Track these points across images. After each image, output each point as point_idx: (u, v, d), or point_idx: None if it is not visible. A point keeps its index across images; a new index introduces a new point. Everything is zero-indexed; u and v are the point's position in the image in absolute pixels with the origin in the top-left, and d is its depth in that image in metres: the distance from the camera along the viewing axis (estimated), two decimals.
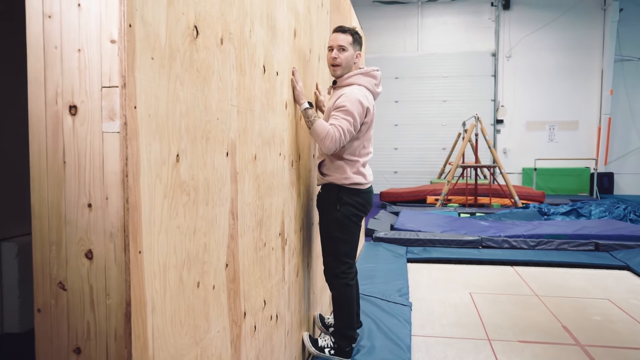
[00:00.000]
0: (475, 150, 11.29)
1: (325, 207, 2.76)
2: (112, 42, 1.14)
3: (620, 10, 12.80)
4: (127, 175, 1.14)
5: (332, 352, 2.79)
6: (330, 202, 2.72)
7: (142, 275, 1.19)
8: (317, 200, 2.85)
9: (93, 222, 1.15)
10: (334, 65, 2.68)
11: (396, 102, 13.92)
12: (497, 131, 13.84)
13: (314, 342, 2.82)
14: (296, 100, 2.63)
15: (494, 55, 13.75)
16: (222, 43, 1.68)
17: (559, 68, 13.42)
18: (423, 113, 13.75)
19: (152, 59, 1.25)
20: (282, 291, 2.43)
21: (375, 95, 2.80)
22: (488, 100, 13.83)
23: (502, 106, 13.76)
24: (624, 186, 13.37)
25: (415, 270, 5.34)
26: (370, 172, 2.85)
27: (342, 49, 2.66)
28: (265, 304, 2.15)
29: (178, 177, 1.37)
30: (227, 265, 1.72)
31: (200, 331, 1.51)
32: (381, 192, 11.43)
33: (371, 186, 2.84)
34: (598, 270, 5.41)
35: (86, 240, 1.16)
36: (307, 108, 2.60)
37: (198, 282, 1.50)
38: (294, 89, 2.60)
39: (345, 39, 2.66)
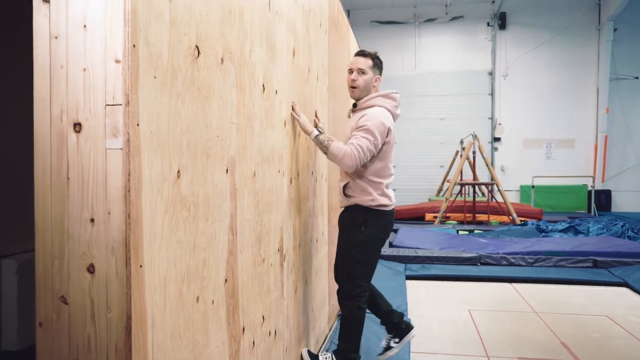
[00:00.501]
0: (473, 168, 11.34)
1: (349, 227, 2.76)
2: (117, 61, 1.18)
3: (615, 30, 12.98)
4: (129, 191, 1.17)
5: None
6: (355, 224, 2.72)
7: (142, 289, 1.21)
8: (340, 221, 2.85)
9: (95, 237, 1.18)
10: (352, 87, 2.75)
11: None
12: (494, 149, 13.91)
13: (314, 358, 2.81)
14: (304, 131, 2.69)
15: (491, 74, 13.89)
16: (222, 62, 1.72)
17: (555, 86, 13.55)
18: (421, 131, 13.84)
19: (155, 77, 1.29)
20: (280, 307, 2.44)
21: (395, 117, 2.86)
22: (485, 118, 13.93)
23: (500, 124, 13.86)
24: (621, 203, 13.39)
25: (414, 288, 5.33)
26: (393, 194, 2.88)
27: (361, 72, 2.73)
28: (264, 319, 2.16)
29: (179, 192, 1.40)
30: (226, 280, 1.74)
31: (199, 346, 1.52)
32: None
33: (394, 208, 2.85)
34: (596, 287, 5.41)
35: (88, 254, 1.18)
36: (317, 135, 2.66)
37: (197, 297, 1.51)
38: (297, 121, 2.67)
39: (365, 63, 2.74)
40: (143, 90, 1.23)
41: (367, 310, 2.86)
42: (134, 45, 1.19)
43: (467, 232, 8.98)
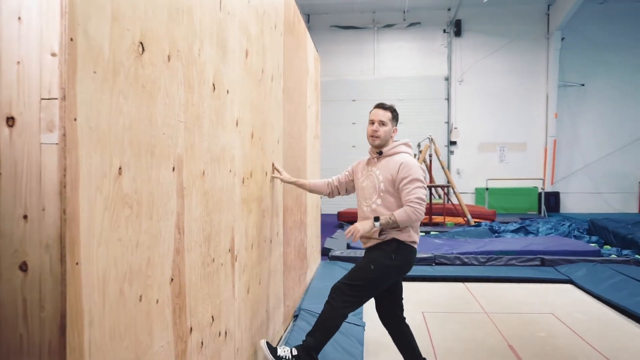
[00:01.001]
0: (429, 171, 11.59)
1: (378, 253, 2.81)
2: (53, 55, 1.15)
3: (562, 39, 13.57)
4: (65, 187, 1.14)
5: None
6: (387, 251, 2.79)
7: (79, 287, 1.19)
8: (370, 248, 2.87)
9: (29, 234, 1.15)
10: (374, 137, 2.90)
11: (353, 124, 14.18)
12: (450, 152, 14.27)
13: (273, 350, 2.75)
14: (368, 230, 2.77)
15: (447, 79, 14.25)
16: (169, 60, 1.71)
17: (508, 92, 14.04)
18: None
19: (95, 72, 1.27)
20: (231, 308, 2.42)
21: None
22: (442, 122, 14.28)
23: (455, 128, 14.23)
24: (569, 205, 13.99)
25: None
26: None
27: (382, 123, 2.90)
28: (213, 320, 2.15)
29: (120, 189, 1.38)
30: (172, 279, 1.72)
31: (142, 346, 1.50)
32: (339, 212, 11.52)
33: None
34: (543, 284, 5.62)
35: (21, 252, 1.15)
36: (380, 222, 2.73)
37: (140, 296, 1.49)
38: (357, 233, 2.78)
39: (385, 115, 2.92)
40: (81, 85, 1.20)
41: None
42: (72, 39, 1.17)
43: (423, 234, 9.16)
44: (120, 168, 1.38)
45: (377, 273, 2.78)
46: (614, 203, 13.97)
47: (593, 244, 7.91)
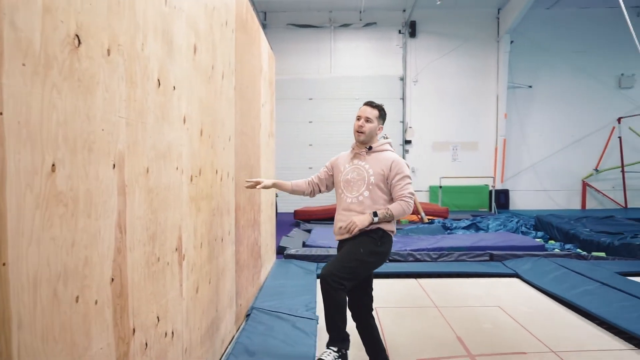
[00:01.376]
0: None
1: (365, 239, 2.88)
2: None
3: (512, 42, 14.05)
4: None
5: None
6: (374, 238, 2.89)
7: (6, 288, 1.14)
8: (352, 239, 2.90)
9: None
10: (359, 132, 3.01)
11: (310, 122, 14.21)
12: (406, 151, 14.52)
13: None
14: (366, 224, 2.84)
15: (402, 79, 14.49)
16: (109, 54, 1.66)
17: (460, 93, 14.41)
18: (336, 133, 14.10)
19: (24, 65, 1.22)
20: (179, 307, 2.38)
21: None
22: (397, 121, 14.50)
23: (410, 127, 14.49)
24: (518, 202, 14.52)
25: None
26: None
27: (368, 120, 3.01)
28: (159, 320, 2.11)
29: (54, 187, 1.33)
30: (112, 279, 1.68)
31: (78, 348, 1.45)
32: (295, 211, 11.52)
33: None
34: (491, 278, 5.80)
35: None
36: (377, 217, 2.83)
37: (77, 297, 1.45)
38: (356, 229, 2.84)
39: (372, 113, 3.03)
40: (8, 78, 1.15)
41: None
42: None
43: None
44: (53, 165, 1.33)
45: (366, 256, 2.86)
46: (559, 200, 14.60)
47: (538, 239, 8.24)
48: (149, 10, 2.01)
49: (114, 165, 1.69)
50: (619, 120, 14.12)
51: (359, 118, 3.04)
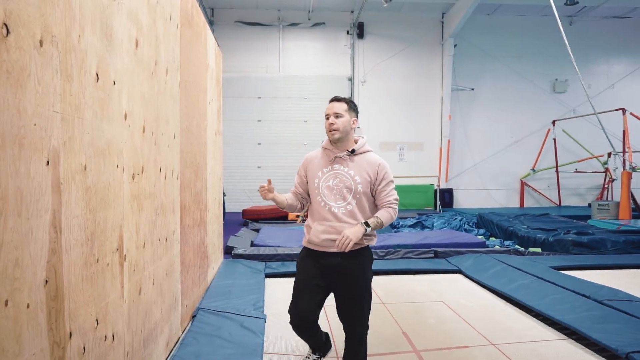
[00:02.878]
0: None
1: (361, 268, 2.73)
2: None
3: (455, 46, 14.51)
4: None
5: None
6: (369, 263, 2.78)
7: None
8: (348, 265, 2.69)
9: None
10: (332, 130, 2.72)
11: (259, 121, 14.09)
12: None
13: None
14: (359, 236, 2.60)
15: (350, 79, 14.64)
16: (41, 45, 1.58)
17: (407, 94, 14.74)
18: (286, 133, 14.09)
19: None
20: (120, 309, 2.31)
21: None
22: None
23: (359, 127, 14.66)
24: (461, 200, 15.03)
25: (273, 285, 5.40)
26: None
27: (337, 115, 2.72)
28: (98, 323, 2.03)
29: None
30: (47, 281, 1.60)
31: (8, 354, 1.38)
32: (243, 210, 11.41)
33: None
34: (436, 275, 5.97)
35: None
36: (369, 226, 2.63)
37: (6, 301, 1.37)
38: (350, 243, 2.57)
39: (341, 107, 2.74)
40: None
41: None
42: None
43: None
44: None
45: (369, 288, 2.80)
46: (499, 198, 15.23)
47: (480, 237, 8.56)
48: (86, 1, 1.93)
49: (48, 162, 1.61)
50: (553, 122, 14.88)
51: (327, 116, 2.76)
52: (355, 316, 2.74)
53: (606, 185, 14.00)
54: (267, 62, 14.32)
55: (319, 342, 3.09)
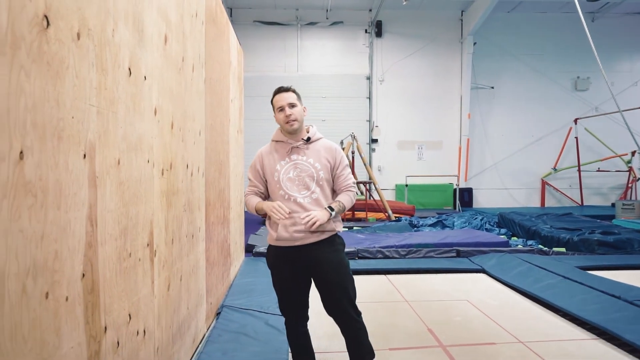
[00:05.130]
0: (352, 167, 11.80)
1: (336, 255, 2.67)
2: None
3: (474, 43, 14.35)
4: None
5: None
6: (342, 249, 2.73)
7: None
8: (322, 253, 2.63)
9: None
10: (291, 121, 2.67)
11: None
12: (372, 150, 14.62)
13: None
14: (325, 220, 2.55)
15: (369, 78, 14.58)
16: (79, 38, 1.58)
17: (425, 93, 14.62)
18: None
19: None
20: (150, 305, 2.30)
21: None
22: (364, 120, 14.59)
23: (377, 126, 14.59)
24: (481, 200, 14.85)
25: None
26: None
27: (292, 105, 2.69)
28: (130, 318, 2.02)
29: (22, 176, 1.25)
30: (83, 275, 1.59)
31: (48, 347, 1.37)
32: None
33: None
34: (459, 274, 5.90)
35: None
36: (334, 210, 2.60)
37: (47, 293, 1.37)
38: (317, 223, 2.51)
39: (292, 97, 2.71)
40: None
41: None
42: None
43: (346, 229, 9.30)
44: (21, 152, 1.25)
45: (349, 270, 2.74)
46: (519, 198, 15.02)
47: (502, 236, 8.42)
48: None
49: (85, 155, 1.61)
50: (575, 121, 14.63)
51: (281, 108, 2.68)
52: (345, 303, 2.65)
53: (630, 185, 13.73)
54: (285, 61, 14.33)
55: (311, 357, 2.92)
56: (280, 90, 2.74)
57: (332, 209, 2.59)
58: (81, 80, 1.58)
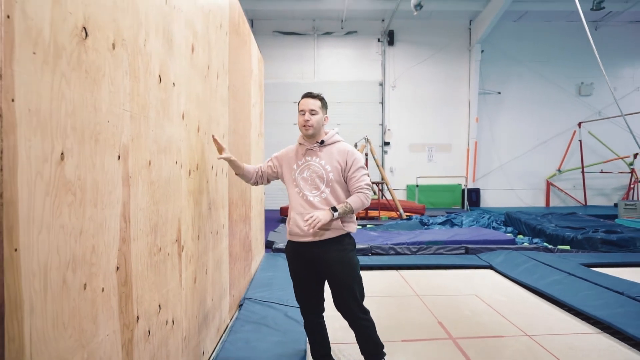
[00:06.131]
0: None
1: (344, 255, 2.65)
2: None
3: (482, 51, 14.21)
4: (1, 170, 1.03)
5: None
6: (352, 249, 2.70)
7: (18, 274, 1.08)
8: (330, 253, 2.62)
9: None
10: (306, 126, 2.67)
11: (295, 124, 14.09)
12: (384, 152, 14.56)
13: None
14: (326, 220, 2.53)
15: (381, 84, 14.52)
16: (114, 48, 1.60)
17: (435, 98, 14.51)
18: None
19: (34, 53, 1.16)
20: (178, 296, 2.32)
21: None
22: (376, 124, 14.54)
23: (389, 130, 14.53)
24: (488, 200, 14.69)
25: None
26: None
27: (313, 112, 2.67)
28: (160, 308, 2.04)
29: (63, 175, 1.27)
30: (118, 268, 1.61)
31: (86, 334, 1.39)
32: (281, 207, 11.45)
33: None
34: (467, 270, 5.84)
35: None
36: (338, 212, 2.56)
37: (85, 284, 1.39)
38: (319, 224, 2.49)
39: (315, 104, 2.69)
40: (19, 65, 1.09)
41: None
42: (8, 17, 1.06)
43: (360, 227, 9.27)
44: (62, 153, 1.27)
45: (358, 273, 2.72)
46: (525, 198, 14.82)
47: (509, 234, 8.31)
48: (150, 7, 1.95)
49: (119, 157, 1.63)
50: (579, 124, 14.39)
51: (302, 112, 2.68)
52: (350, 301, 2.64)
53: (632, 186, 13.46)
54: (302, 68, 14.35)
55: (326, 348, 2.92)
56: (307, 95, 2.75)
57: (335, 210, 2.56)
58: (116, 87, 1.61)
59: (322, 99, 2.75)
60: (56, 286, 1.23)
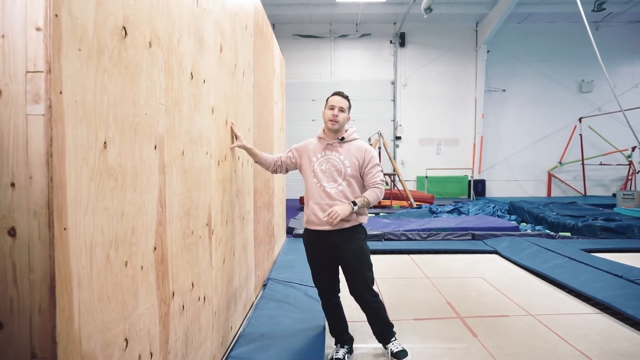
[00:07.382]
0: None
1: (357, 243, 2.65)
2: (38, 29, 1.04)
3: (488, 51, 13.91)
4: (51, 156, 1.04)
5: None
6: (364, 238, 2.69)
7: (67, 251, 1.09)
8: (345, 241, 2.62)
9: (16, 200, 1.04)
10: (334, 121, 2.67)
11: (313, 120, 14.09)
12: (396, 146, 14.42)
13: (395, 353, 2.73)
14: (347, 213, 2.53)
15: (393, 83, 14.36)
16: (150, 46, 1.60)
17: (444, 95, 14.29)
18: None
19: (80, 50, 1.16)
20: (209, 276, 2.34)
21: None
22: (389, 120, 14.40)
23: (400, 125, 14.39)
24: (493, 190, 14.46)
25: None
26: None
27: (341, 109, 2.69)
28: (193, 286, 2.06)
29: (105, 162, 1.28)
30: (155, 248, 1.62)
31: (128, 307, 1.41)
32: (300, 197, 11.45)
33: None
34: (474, 255, 5.77)
35: (9, 218, 1.04)
36: (356, 205, 2.56)
37: (126, 262, 1.40)
38: (339, 218, 2.50)
39: (344, 103, 2.71)
40: (66, 60, 1.09)
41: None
42: (56, 15, 1.06)
43: (373, 215, 9.24)
44: (105, 142, 1.27)
45: (369, 260, 2.71)
46: (528, 188, 14.55)
47: (512, 222, 8.19)
48: (183, 9, 1.94)
49: (156, 147, 1.63)
50: (580, 120, 14.04)
51: (332, 107, 2.68)
52: (362, 285, 2.64)
53: (630, 177, 13.11)
54: (320, 69, 14.27)
55: (343, 325, 2.91)
56: (338, 93, 2.76)
57: (355, 204, 2.56)
58: (152, 82, 1.61)
59: (349, 100, 2.77)
60: (101, 263, 1.24)
